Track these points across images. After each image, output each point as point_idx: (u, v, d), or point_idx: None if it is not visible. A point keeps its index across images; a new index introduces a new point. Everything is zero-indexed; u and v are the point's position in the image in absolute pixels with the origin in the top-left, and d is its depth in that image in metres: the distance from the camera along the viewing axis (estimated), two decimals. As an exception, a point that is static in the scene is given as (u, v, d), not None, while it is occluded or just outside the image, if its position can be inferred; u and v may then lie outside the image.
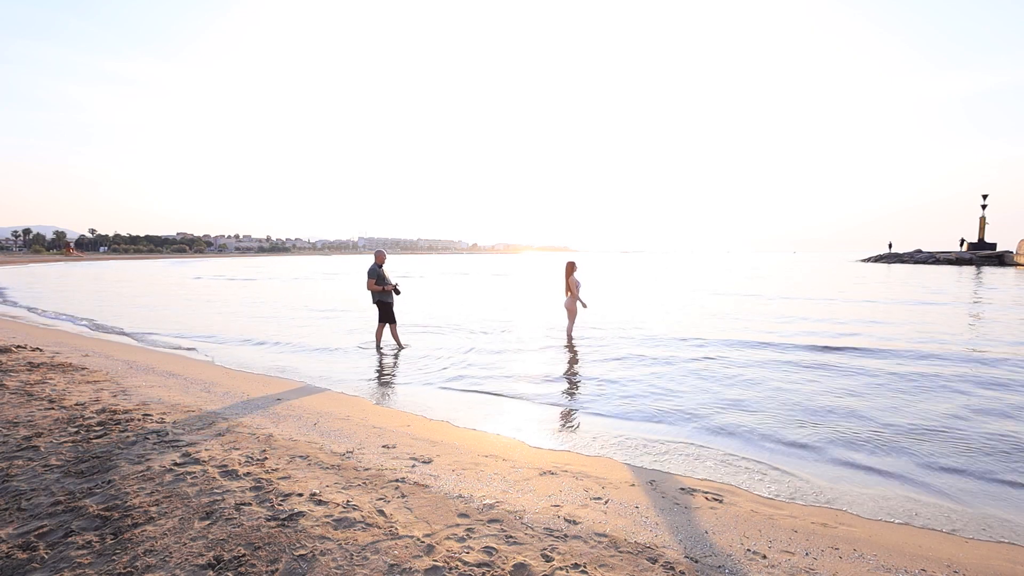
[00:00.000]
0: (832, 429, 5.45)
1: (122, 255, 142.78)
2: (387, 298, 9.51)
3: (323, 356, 9.42)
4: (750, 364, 8.57)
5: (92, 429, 4.68)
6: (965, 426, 5.54)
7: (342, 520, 3.12)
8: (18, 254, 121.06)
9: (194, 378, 7.28)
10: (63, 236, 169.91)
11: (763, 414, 5.95)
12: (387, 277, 9.48)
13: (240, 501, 3.32)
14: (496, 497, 3.61)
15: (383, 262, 9.52)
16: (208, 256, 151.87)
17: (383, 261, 9.54)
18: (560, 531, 3.13)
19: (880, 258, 65.59)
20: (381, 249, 9.89)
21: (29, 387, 6.17)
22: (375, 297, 9.51)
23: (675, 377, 7.70)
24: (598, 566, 2.75)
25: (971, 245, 58.17)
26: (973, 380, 7.47)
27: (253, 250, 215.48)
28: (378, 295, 9.44)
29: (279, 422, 5.27)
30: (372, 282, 9.30)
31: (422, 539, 2.95)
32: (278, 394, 6.52)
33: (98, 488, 3.47)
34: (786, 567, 2.86)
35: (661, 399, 6.57)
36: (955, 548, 3.22)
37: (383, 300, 9.50)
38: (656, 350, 9.75)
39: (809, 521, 3.49)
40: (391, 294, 9.53)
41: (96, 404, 5.55)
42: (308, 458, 4.22)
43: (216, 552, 2.73)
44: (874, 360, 8.78)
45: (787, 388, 7.08)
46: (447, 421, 5.69)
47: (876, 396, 6.70)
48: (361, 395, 6.93)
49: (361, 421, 5.46)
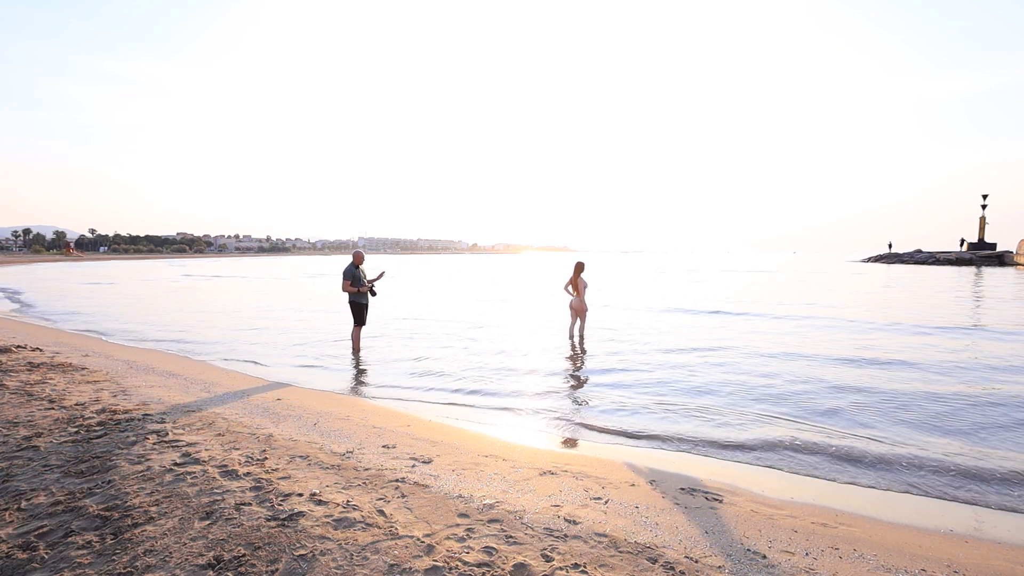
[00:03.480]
0: (832, 429, 5.45)
1: (122, 255, 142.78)
2: (361, 299, 9.35)
3: (320, 357, 9.42)
4: (754, 369, 8.57)
5: (92, 429, 4.68)
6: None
7: (342, 520, 3.12)
8: (18, 254, 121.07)
9: (194, 378, 7.28)
10: (63, 236, 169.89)
11: (764, 414, 5.95)
12: (364, 278, 9.28)
13: (240, 501, 3.32)
14: (496, 497, 3.61)
15: (361, 263, 9.35)
16: (208, 256, 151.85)
17: (361, 262, 9.36)
18: (560, 531, 3.13)
19: (880, 258, 65.55)
20: (359, 250, 9.74)
21: (29, 387, 6.17)
22: (349, 298, 9.34)
23: (676, 378, 7.70)
24: (598, 566, 2.75)
25: (971, 245, 58.16)
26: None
27: (253, 250, 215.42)
28: (353, 296, 9.28)
29: (279, 422, 5.27)
30: (347, 283, 9.11)
31: (422, 539, 2.95)
32: (278, 394, 6.52)
33: (98, 488, 3.47)
34: (786, 567, 2.86)
35: (662, 400, 6.57)
36: (955, 548, 3.22)
37: (357, 301, 9.33)
38: (658, 350, 9.75)
39: (809, 521, 3.49)
40: (366, 296, 9.36)
41: (96, 404, 5.55)
42: (308, 458, 4.22)
43: (216, 552, 2.73)
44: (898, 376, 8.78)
45: (788, 389, 7.08)
46: (447, 421, 5.69)
47: (888, 409, 6.70)
48: (360, 395, 6.93)
49: (361, 421, 5.46)
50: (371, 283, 9.31)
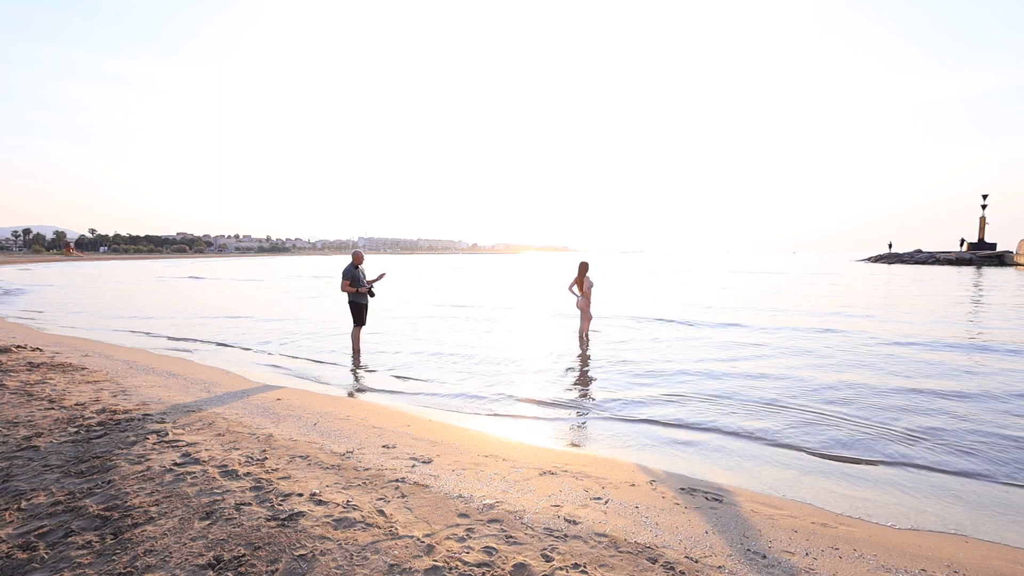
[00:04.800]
0: (836, 431, 5.45)
1: (122, 255, 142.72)
2: (361, 300, 9.32)
3: (318, 357, 9.42)
4: (755, 370, 8.57)
5: (92, 429, 4.68)
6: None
7: (342, 520, 3.12)
8: (18, 254, 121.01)
9: (194, 378, 7.28)
10: (63, 236, 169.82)
11: (766, 416, 5.95)
12: (363, 278, 9.27)
13: (240, 501, 3.32)
14: (496, 497, 3.61)
15: (360, 263, 9.32)
16: (208, 256, 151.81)
17: (360, 262, 9.33)
18: (560, 531, 3.13)
19: (880, 258, 65.56)
20: (359, 250, 9.71)
21: (29, 387, 6.17)
22: (349, 298, 9.32)
23: (676, 378, 7.70)
24: (598, 566, 2.74)
25: (971, 245, 58.17)
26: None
27: (253, 250, 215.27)
28: (352, 296, 9.25)
29: (279, 422, 5.27)
30: (346, 283, 9.07)
31: (422, 539, 2.95)
32: (278, 394, 6.52)
33: (98, 488, 3.47)
34: (786, 567, 2.86)
35: (662, 400, 6.57)
36: (955, 548, 3.22)
37: (356, 302, 9.31)
38: (659, 351, 9.75)
39: (809, 521, 3.49)
40: (365, 296, 9.33)
41: (96, 404, 5.55)
42: (308, 458, 4.22)
43: (216, 552, 2.73)
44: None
45: (791, 389, 7.08)
46: (447, 421, 5.69)
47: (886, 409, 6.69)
48: (360, 395, 6.93)
49: (361, 421, 5.46)
50: (370, 283, 9.29)
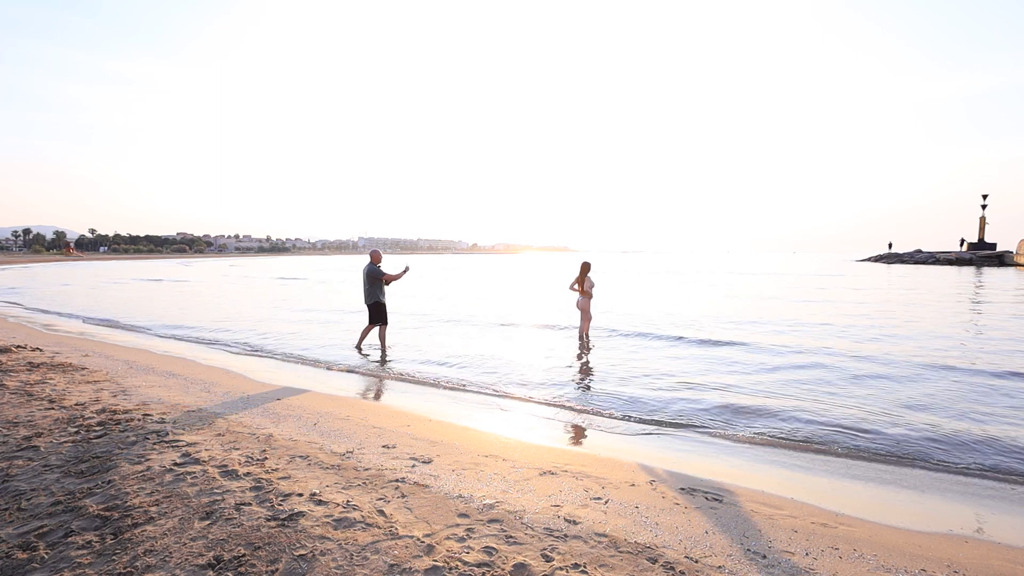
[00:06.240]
0: (836, 430, 5.45)
1: (122, 255, 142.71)
2: (382, 299, 9.50)
3: (318, 356, 9.42)
4: (755, 370, 8.57)
5: (92, 429, 4.68)
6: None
7: (342, 520, 3.12)
8: (18, 254, 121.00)
9: (194, 378, 7.28)
10: (63, 236, 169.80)
11: (767, 416, 5.95)
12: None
13: (240, 501, 3.31)
14: (496, 497, 3.61)
15: (379, 262, 9.53)
16: (208, 256, 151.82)
17: (379, 261, 9.56)
18: (560, 531, 3.13)
19: (880, 258, 65.54)
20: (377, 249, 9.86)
21: (29, 387, 6.17)
22: (369, 299, 9.45)
23: (677, 378, 7.70)
24: (598, 566, 2.74)
25: (971, 245, 58.16)
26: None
27: (253, 250, 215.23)
28: (373, 297, 9.41)
29: (279, 422, 5.27)
30: (389, 276, 9.46)
31: (422, 539, 2.95)
32: (278, 394, 6.52)
33: (98, 488, 3.47)
34: (786, 567, 2.86)
35: (662, 400, 6.57)
36: (955, 548, 3.22)
37: (378, 301, 9.46)
38: (659, 351, 9.75)
39: (809, 521, 3.49)
40: (385, 295, 9.55)
41: (96, 404, 5.55)
42: (308, 458, 4.22)
43: (216, 552, 2.73)
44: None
45: (792, 389, 7.08)
46: (447, 421, 5.69)
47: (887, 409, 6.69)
48: (359, 395, 6.93)
49: (361, 421, 5.46)
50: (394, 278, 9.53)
